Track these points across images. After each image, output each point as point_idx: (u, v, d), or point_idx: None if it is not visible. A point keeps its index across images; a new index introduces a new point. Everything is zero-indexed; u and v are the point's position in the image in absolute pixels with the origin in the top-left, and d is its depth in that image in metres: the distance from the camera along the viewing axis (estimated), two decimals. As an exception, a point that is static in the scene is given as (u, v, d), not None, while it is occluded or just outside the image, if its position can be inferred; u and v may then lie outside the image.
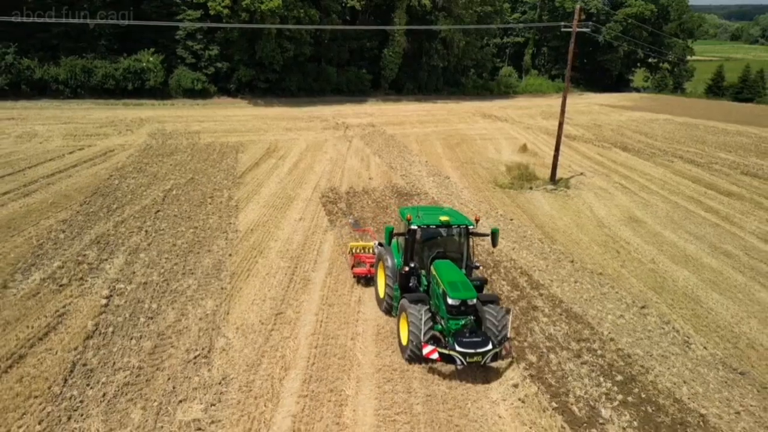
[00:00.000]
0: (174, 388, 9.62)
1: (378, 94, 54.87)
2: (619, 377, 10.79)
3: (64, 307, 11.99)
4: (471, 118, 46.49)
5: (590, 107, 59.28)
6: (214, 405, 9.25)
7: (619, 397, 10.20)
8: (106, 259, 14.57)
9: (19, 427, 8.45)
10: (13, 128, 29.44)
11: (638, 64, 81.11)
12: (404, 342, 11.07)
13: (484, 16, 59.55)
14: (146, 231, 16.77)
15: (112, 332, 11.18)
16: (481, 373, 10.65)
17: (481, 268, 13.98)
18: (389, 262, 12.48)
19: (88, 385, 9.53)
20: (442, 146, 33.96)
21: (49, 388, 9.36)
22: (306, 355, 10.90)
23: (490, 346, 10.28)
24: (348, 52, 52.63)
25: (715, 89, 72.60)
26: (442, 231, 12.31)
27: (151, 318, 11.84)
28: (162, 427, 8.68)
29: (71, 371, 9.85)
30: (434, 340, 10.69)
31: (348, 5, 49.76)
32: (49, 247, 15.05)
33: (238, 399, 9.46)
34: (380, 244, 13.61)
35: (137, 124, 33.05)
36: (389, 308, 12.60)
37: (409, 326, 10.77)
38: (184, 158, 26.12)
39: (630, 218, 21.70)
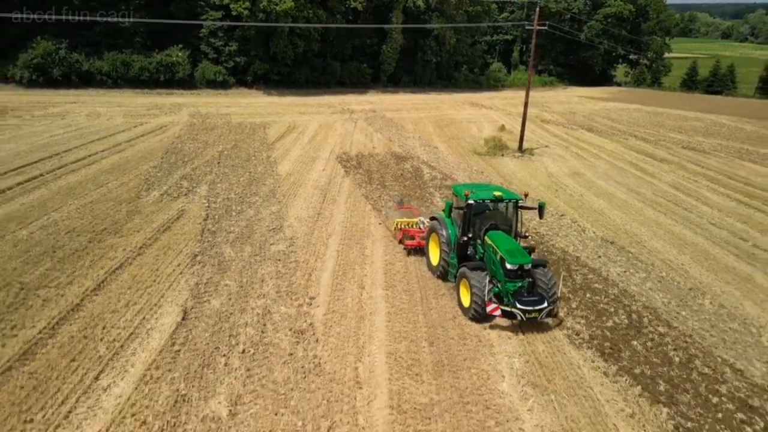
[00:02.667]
0: (266, 240, 16.67)
1: (377, 86, 61.96)
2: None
3: (182, 207, 19.05)
4: (460, 106, 53.65)
5: (570, 99, 66.58)
6: (290, 246, 16.29)
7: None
8: (195, 186, 21.62)
9: (186, 248, 15.49)
10: (80, 109, 36.45)
11: (620, 60, 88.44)
12: (466, 304, 12.71)
13: (474, 15, 66.85)
14: (215, 173, 23.81)
15: (218, 217, 18.26)
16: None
17: (529, 237, 15.89)
18: (444, 234, 14.19)
19: (215, 236, 16.59)
20: (433, 126, 41.06)
21: (193, 236, 16.41)
22: (340, 230, 17.96)
23: (545, 304, 12.08)
24: (350, 48, 59.72)
25: (690, 83, 80.00)
26: (493, 205, 13.91)
27: (239, 213, 18.89)
28: (264, 252, 15.72)
29: (202, 232, 16.90)
30: (496, 297, 12.52)
31: (351, 6, 56.82)
32: (153, 180, 22.10)
33: (303, 245, 16.51)
34: (432, 218, 15.39)
35: (177, 108, 40.09)
36: (444, 273, 14.29)
37: (471, 289, 12.39)
38: (224, 132, 33.15)
39: (574, 173, 28.83)
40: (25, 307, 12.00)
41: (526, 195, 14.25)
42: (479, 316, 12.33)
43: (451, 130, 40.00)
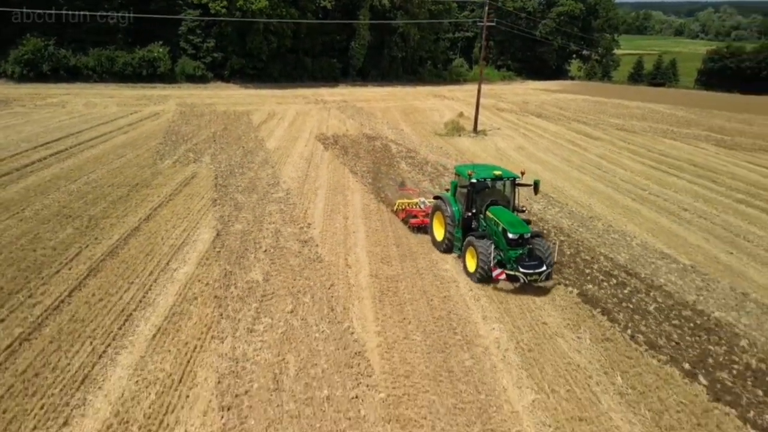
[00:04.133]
0: (267, 191, 21.35)
1: (347, 80, 66.76)
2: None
3: (193, 170, 23.55)
4: (425, 98, 58.94)
5: (526, 91, 72.75)
6: (287, 194, 21.01)
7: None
8: (200, 157, 26.09)
9: (206, 195, 20.04)
10: (75, 100, 40.17)
11: (573, 56, 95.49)
12: (472, 269, 14.34)
13: (436, 13, 72.37)
14: (214, 148, 28.27)
15: (226, 176, 22.84)
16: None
17: (526, 211, 17.35)
18: (449, 211, 15.63)
19: (226, 189, 21.17)
20: (400, 114, 46.14)
21: (209, 188, 20.97)
22: (325, 185, 22.76)
23: (544, 268, 13.73)
24: (321, 44, 64.36)
25: (636, 76, 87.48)
26: (493, 183, 15.49)
27: (242, 174, 23.50)
28: (267, 198, 20.39)
29: (216, 186, 21.47)
30: (499, 265, 13.97)
31: (321, 5, 61.46)
32: (163, 152, 26.46)
33: (297, 194, 21.25)
34: (436, 197, 16.88)
35: (164, 99, 44.08)
36: (449, 247, 15.83)
37: (478, 256, 13.97)
38: (212, 118, 37.46)
39: (519, 147, 34.30)
40: (98, 228, 16.45)
41: (522, 173, 15.79)
42: (485, 277, 13.97)
43: (416, 117, 45.15)
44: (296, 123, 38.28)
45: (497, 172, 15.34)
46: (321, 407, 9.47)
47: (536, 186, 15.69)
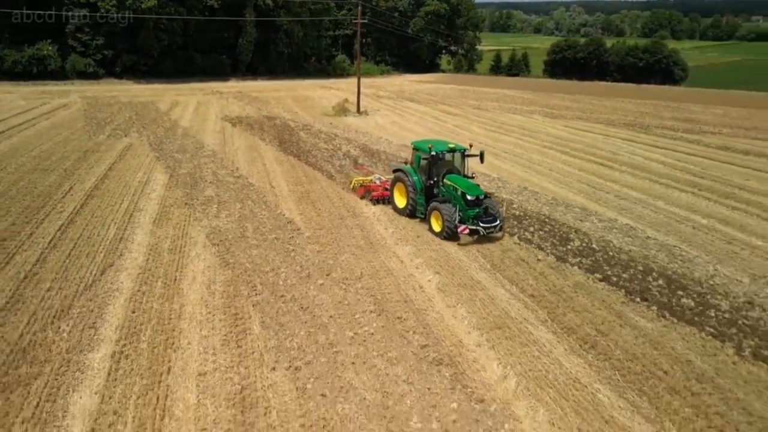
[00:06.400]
0: (196, 152, 27.56)
1: (237, 75, 72.05)
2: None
3: (128, 141, 29.05)
4: (313, 89, 66.22)
5: (403, 82, 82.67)
6: (213, 154, 27.41)
7: (363, 155, 30.31)
8: (129, 133, 31.41)
9: (149, 155, 25.91)
10: (-23, 95, 42.40)
11: (443, 51, 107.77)
12: (438, 229, 17.00)
13: (316, 12, 79.89)
14: (137, 127, 33.52)
15: (158, 144, 28.66)
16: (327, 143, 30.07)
17: (475, 177, 19.47)
18: (411, 180, 18.24)
19: (162, 151, 27.10)
20: (292, 101, 53.10)
21: (148, 151, 26.79)
22: (242, 148, 29.39)
23: (498, 221, 16.82)
24: (210, 41, 69.15)
25: (496, 68, 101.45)
26: (445, 155, 17.96)
27: (170, 142, 29.40)
28: (199, 155, 26.68)
29: (153, 149, 27.28)
30: (460, 222, 16.57)
31: (207, 4, 66.31)
32: (94, 130, 31.39)
33: (221, 153, 27.72)
34: (396, 170, 19.38)
35: (64, 93, 47.27)
36: (413, 211, 18.50)
37: (443, 217, 16.61)
38: (121, 107, 41.96)
39: (393, 122, 42.93)
40: (76, 175, 22.01)
41: (470, 145, 18.76)
42: (451, 234, 16.75)
43: (307, 103, 52.41)
44: (200, 109, 43.89)
45: (451, 145, 18.32)
46: (273, 242, 16.66)
47: (482, 156, 18.39)
